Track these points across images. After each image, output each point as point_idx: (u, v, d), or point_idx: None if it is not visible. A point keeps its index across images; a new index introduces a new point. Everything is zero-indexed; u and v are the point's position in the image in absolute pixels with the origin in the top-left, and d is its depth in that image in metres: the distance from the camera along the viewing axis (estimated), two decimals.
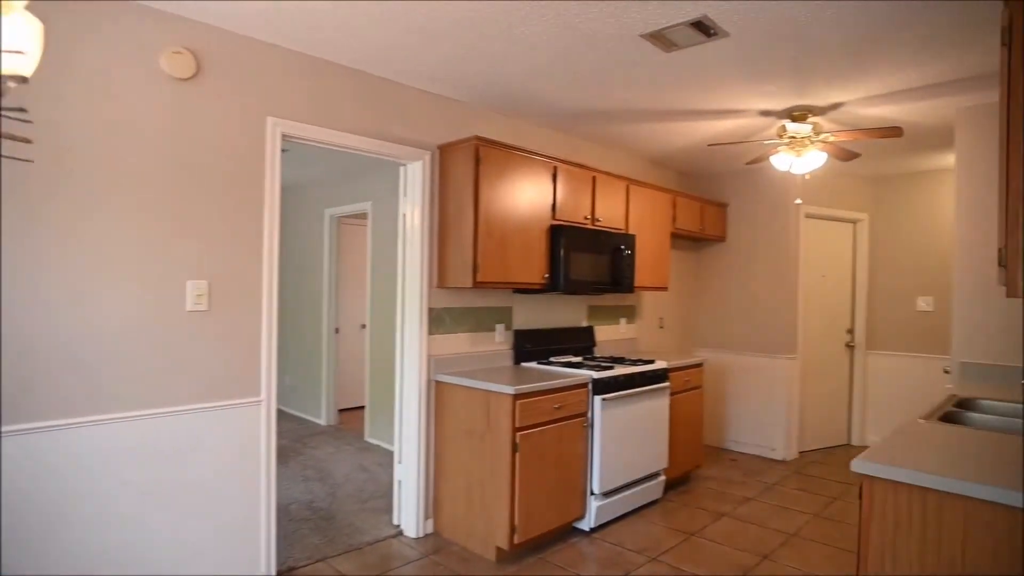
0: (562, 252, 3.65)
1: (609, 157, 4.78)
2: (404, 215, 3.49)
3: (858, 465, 1.85)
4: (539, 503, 3.19)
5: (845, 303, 5.71)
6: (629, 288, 4.18)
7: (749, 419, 5.43)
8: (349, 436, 5.66)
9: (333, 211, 6.09)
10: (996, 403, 2.92)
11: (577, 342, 4.30)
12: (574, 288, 3.74)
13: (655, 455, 3.99)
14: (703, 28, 2.55)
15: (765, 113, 3.75)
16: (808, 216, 5.42)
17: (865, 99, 3.47)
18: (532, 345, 3.95)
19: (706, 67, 3.03)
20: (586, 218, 3.94)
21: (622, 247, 4.07)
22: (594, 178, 4.02)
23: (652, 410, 3.94)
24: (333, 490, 4.12)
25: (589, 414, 3.51)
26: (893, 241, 5.65)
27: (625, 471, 3.72)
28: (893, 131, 3.40)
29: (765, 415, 5.33)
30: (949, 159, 4.93)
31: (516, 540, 3.07)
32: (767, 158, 4.03)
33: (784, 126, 3.69)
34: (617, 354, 4.60)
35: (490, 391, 3.14)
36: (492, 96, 3.55)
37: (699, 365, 4.55)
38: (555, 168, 3.72)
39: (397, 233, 3.54)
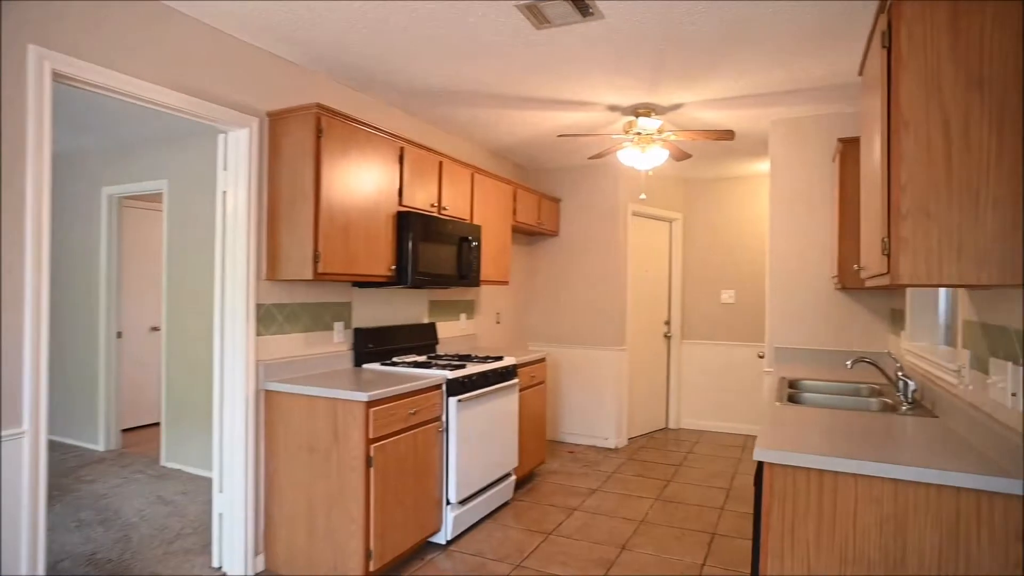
0: (411, 241, 3.32)
1: (452, 145, 4.53)
2: (224, 194, 2.89)
3: (763, 455, 1.83)
4: (396, 521, 2.83)
5: (663, 296, 6.12)
6: (475, 282, 3.98)
7: (583, 411, 5.56)
8: (139, 462, 4.69)
9: (113, 190, 5.02)
10: (819, 382, 3.22)
11: (420, 340, 3.99)
12: (422, 281, 3.43)
13: (507, 455, 3.83)
14: (581, 6, 2.41)
15: (612, 108, 3.79)
16: (634, 214, 5.69)
17: (702, 102, 3.65)
18: (375, 345, 3.55)
19: (570, 52, 2.92)
20: (433, 206, 3.65)
21: (469, 238, 3.84)
22: (441, 163, 3.74)
23: (503, 409, 3.78)
24: (124, 533, 3.32)
25: (444, 417, 3.23)
26: (702, 239, 6.18)
27: (480, 475, 3.51)
28: (727, 134, 3.62)
29: (598, 406, 5.49)
30: (753, 167, 5.50)
31: (372, 567, 2.68)
32: (613, 153, 4.09)
33: (633, 122, 3.76)
34: (461, 352, 4.37)
35: (338, 399, 2.71)
36: (339, 64, 3.10)
37: (542, 360, 4.51)
38: (402, 149, 3.37)
39: (201, 217, 2.93)
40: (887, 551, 1.70)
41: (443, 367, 3.37)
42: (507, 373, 3.82)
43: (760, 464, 1.85)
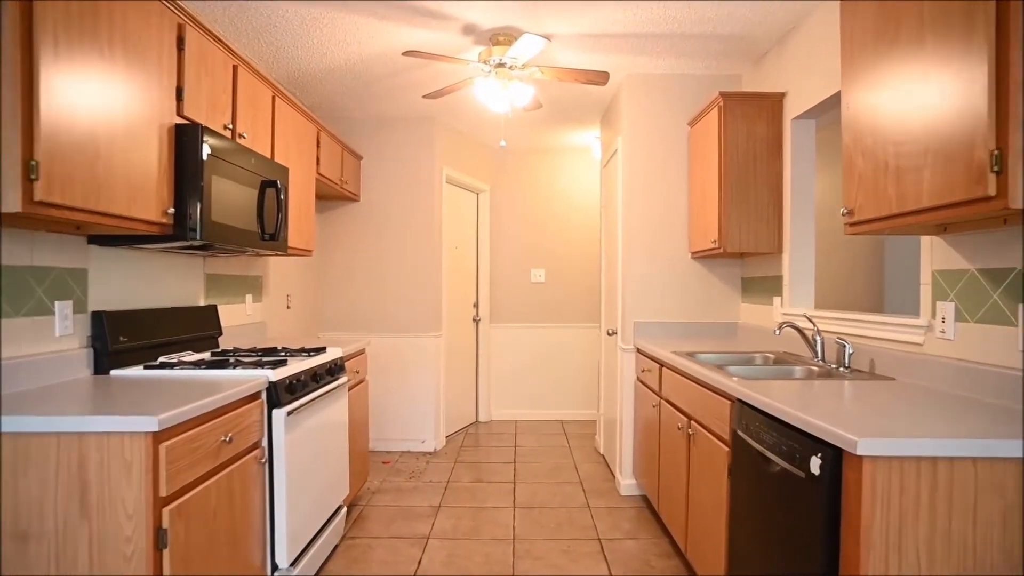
0: (204, 173, 2.12)
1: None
2: None
3: (870, 446, 1.28)
4: None
5: (471, 276, 5.50)
6: (283, 246, 2.85)
7: (395, 411, 4.65)
8: None
9: None
10: (712, 355, 2.89)
11: (197, 330, 2.71)
12: (218, 236, 2.25)
13: (338, 482, 2.81)
14: None
15: (468, 30, 3.01)
16: (448, 182, 4.95)
17: (572, 37, 3.08)
18: (129, 338, 2.24)
19: None
20: (227, 128, 2.45)
21: (277, 183, 2.71)
22: (236, 69, 2.55)
23: (334, 419, 2.75)
24: None
25: (265, 442, 2.12)
26: (511, 214, 5.71)
27: (314, 517, 2.45)
28: (600, 76, 3.12)
29: (412, 404, 4.64)
30: (571, 137, 5.17)
31: None
32: (458, 90, 3.30)
33: (491, 49, 3.02)
34: (247, 346, 3.17)
35: (88, 434, 1.48)
36: None
37: (362, 352, 3.53)
38: (182, 29, 2.14)
39: None
40: (1010, 552, 1.29)
41: (254, 365, 2.24)
42: (335, 369, 2.79)
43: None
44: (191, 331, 2.66)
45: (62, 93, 1.58)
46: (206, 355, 2.60)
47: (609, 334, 3.91)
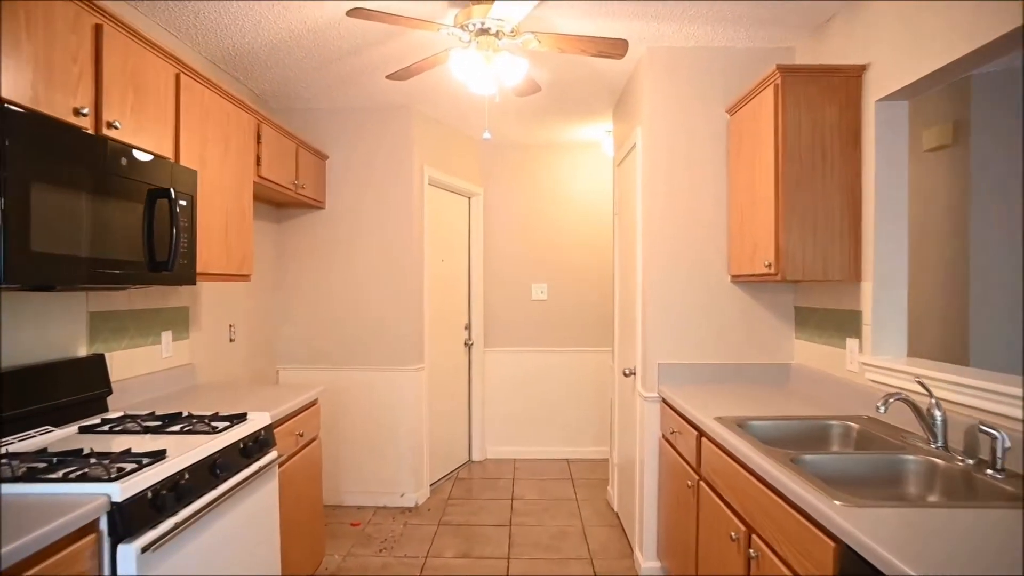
0: (8, 181, 1.37)
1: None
2: None
3: None
4: None
5: (462, 294, 4.75)
6: (185, 275, 2.10)
7: (368, 459, 3.90)
8: None
9: None
10: (778, 422, 2.12)
11: (63, 395, 1.97)
12: (46, 274, 1.50)
13: None
14: None
15: None
16: (432, 184, 4.19)
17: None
18: None
19: None
20: (80, 113, 1.70)
21: (171, 192, 1.96)
22: (99, 28, 1.79)
23: (251, 515, 1.99)
24: None
25: None
26: (507, 222, 4.95)
27: None
28: (616, 45, 2.35)
29: (389, 450, 3.88)
30: (577, 130, 4.40)
31: None
32: (431, 67, 2.54)
33: (471, 9, 2.26)
34: (162, 405, 2.42)
35: None
36: None
37: (314, 403, 2.77)
38: None
39: None
40: None
41: (103, 463, 1.50)
42: (256, 445, 2.03)
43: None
44: (53, 396, 1.92)
45: None
46: (62, 432, 1.85)
47: (625, 375, 3.15)
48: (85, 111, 1.70)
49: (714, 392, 2.63)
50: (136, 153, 1.83)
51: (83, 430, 1.92)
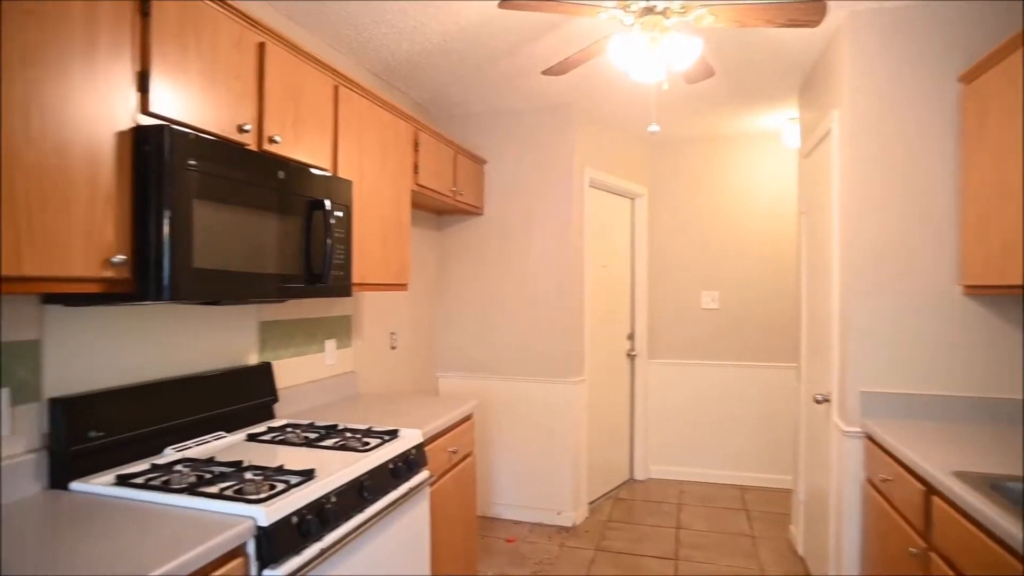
0: (173, 199, 1.39)
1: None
2: None
3: None
4: None
5: (624, 302, 4.46)
6: (341, 287, 2.09)
7: (524, 473, 3.78)
8: None
9: None
10: None
11: (233, 402, 2.05)
12: (204, 290, 1.51)
13: None
14: None
15: None
16: (592, 186, 3.98)
17: None
18: (107, 431, 1.59)
19: None
20: (242, 129, 1.72)
21: (326, 203, 1.94)
22: (262, 47, 1.82)
23: (401, 540, 1.92)
24: None
25: None
26: (674, 224, 4.58)
27: None
28: (812, 8, 1.96)
29: (546, 465, 3.73)
30: (759, 120, 3.93)
31: None
32: (590, 58, 2.32)
33: None
34: (320, 415, 2.46)
35: None
36: None
37: (469, 418, 2.69)
38: None
39: None
40: None
41: (254, 481, 1.48)
42: (407, 465, 1.96)
43: None
44: (224, 404, 1.99)
45: None
46: (231, 438, 1.91)
47: (817, 401, 2.68)
48: (248, 127, 1.72)
49: (941, 433, 2.10)
50: (294, 167, 1.83)
51: (250, 438, 1.97)
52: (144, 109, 1.43)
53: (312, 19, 2.48)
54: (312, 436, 1.98)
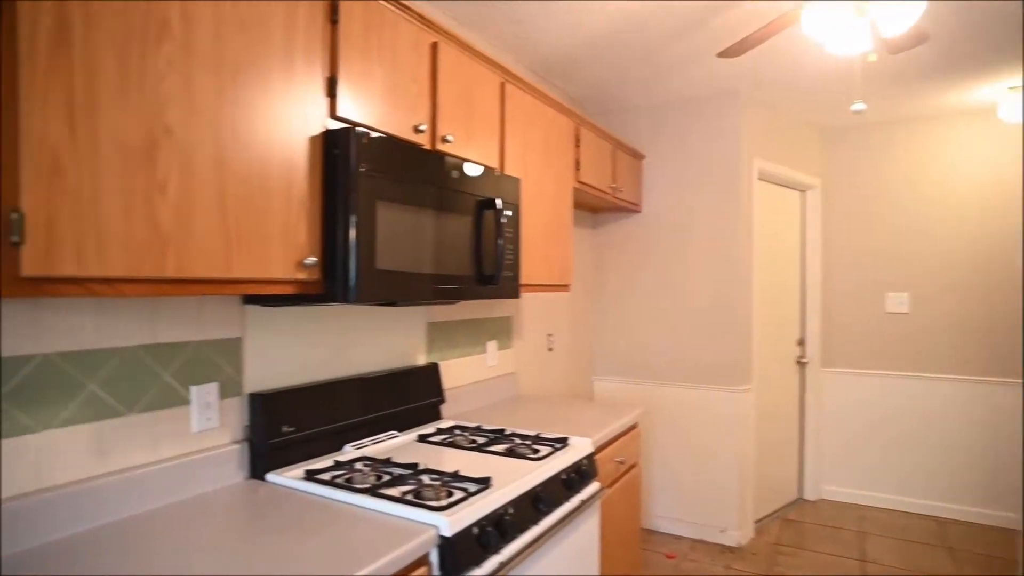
0: (358, 201, 1.40)
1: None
2: None
3: None
4: None
5: (793, 304, 4.06)
6: (510, 288, 2.03)
7: (684, 485, 3.55)
8: None
9: None
10: None
11: (406, 401, 2.07)
12: (386, 290, 1.51)
13: None
14: None
15: None
16: (762, 178, 3.66)
17: None
18: (297, 426, 1.66)
19: None
20: (418, 130, 1.72)
21: (497, 203, 1.90)
22: (435, 46, 1.81)
23: (571, 554, 1.83)
24: None
25: None
26: (851, 217, 4.10)
27: None
28: None
29: (707, 478, 3.48)
30: (965, 94, 3.38)
31: None
32: (782, 26, 2.09)
33: None
34: (487, 416, 2.44)
35: None
36: None
37: (634, 427, 2.54)
38: None
39: None
40: None
41: (432, 486, 1.45)
42: (578, 476, 1.86)
43: None
44: (397, 403, 2.02)
45: (68, 85, 0.95)
46: (403, 437, 1.92)
47: None
48: (423, 127, 1.72)
49: None
50: (467, 165, 1.80)
51: (420, 439, 1.98)
52: (332, 114, 1.45)
53: (476, 17, 2.47)
54: (480, 440, 1.95)
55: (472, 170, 1.82)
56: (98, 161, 0.99)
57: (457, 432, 2.05)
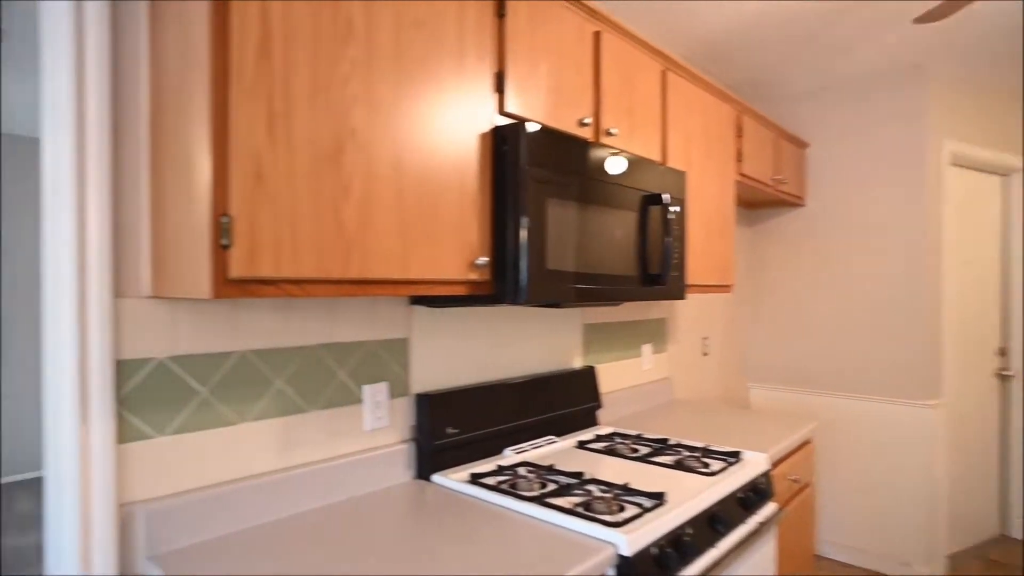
0: (529, 199, 1.35)
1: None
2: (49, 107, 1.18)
3: None
4: None
5: (991, 308, 3.51)
6: (678, 289, 1.90)
7: (855, 505, 3.19)
8: None
9: None
10: None
11: (563, 405, 2.01)
12: (555, 291, 1.45)
13: None
14: None
15: None
16: (956, 163, 3.20)
17: None
18: (461, 428, 1.65)
19: None
20: (583, 123, 1.65)
21: (662, 199, 1.77)
22: (598, 36, 1.73)
23: None
24: None
25: None
26: None
27: None
28: None
29: (883, 500, 3.09)
30: None
31: None
32: None
33: None
34: (643, 423, 2.31)
35: None
36: None
37: (808, 443, 2.29)
38: None
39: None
40: None
41: (603, 498, 1.36)
42: (755, 495, 1.69)
43: None
44: (555, 407, 1.97)
45: (268, 92, 0.98)
46: (562, 443, 1.86)
47: None
48: (587, 121, 1.64)
49: None
50: (631, 159, 1.70)
51: (579, 445, 1.90)
52: (500, 110, 1.41)
53: (632, 2, 2.35)
54: (643, 450, 1.83)
55: (637, 164, 1.71)
56: (293, 165, 1.02)
57: (617, 439, 1.95)
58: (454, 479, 1.55)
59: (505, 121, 1.43)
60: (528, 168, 1.34)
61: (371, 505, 1.40)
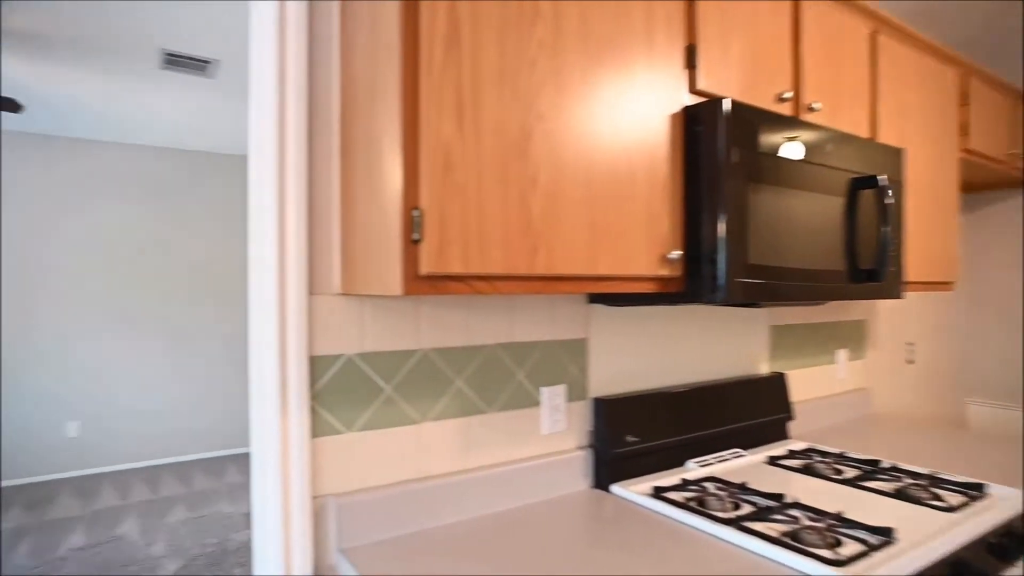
0: (728, 186, 1.20)
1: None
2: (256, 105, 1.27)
3: None
4: None
5: None
6: (895, 286, 1.62)
7: None
8: None
9: None
10: None
11: (751, 416, 1.80)
12: (761, 290, 1.27)
13: None
14: None
15: None
16: None
17: None
18: (641, 436, 1.53)
19: None
20: (782, 98, 1.45)
21: (877, 180, 1.51)
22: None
23: None
24: None
25: None
26: None
27: None
28: None
29: None
30: None
31: None
32: None
33: None
34: (840, 439, 2.02)
35: None
36: None
37: None
38: None
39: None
40: None
41: (814, 527, 1.17)
42: (1010, 541, 1.38)
43: None
44: (741, 417, 1.78)
45: (456, 82, 0.94)
46: (751, 457, 1.66)
47: None
48: (787, 95, 1.44)
49: None
50: (838, 135, 1.46)
51: (770, 461, 1.70)
52: (692, 88, 1.27)
53: None
54: (850, 473, 1.58)
55: (846, 141, 1.48)
56: (481, 155, 0.96)
57: (815, 457, 1.71)
58: (635, 491, 1.43)
59: (696, 100, 1.28)
60: (727, 151, 1.19)
61: (549, 513, 1.33)
